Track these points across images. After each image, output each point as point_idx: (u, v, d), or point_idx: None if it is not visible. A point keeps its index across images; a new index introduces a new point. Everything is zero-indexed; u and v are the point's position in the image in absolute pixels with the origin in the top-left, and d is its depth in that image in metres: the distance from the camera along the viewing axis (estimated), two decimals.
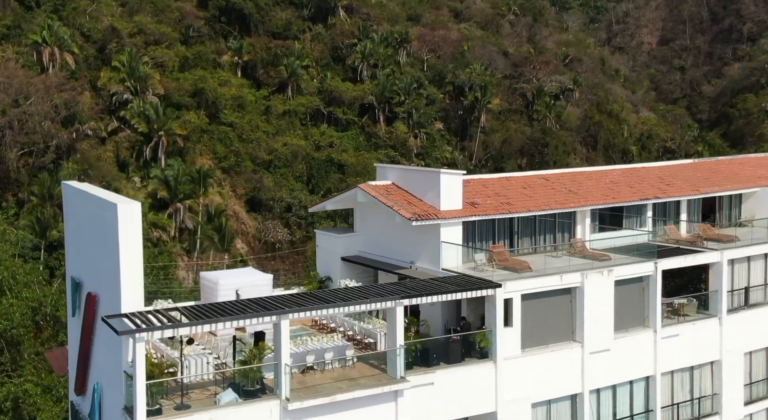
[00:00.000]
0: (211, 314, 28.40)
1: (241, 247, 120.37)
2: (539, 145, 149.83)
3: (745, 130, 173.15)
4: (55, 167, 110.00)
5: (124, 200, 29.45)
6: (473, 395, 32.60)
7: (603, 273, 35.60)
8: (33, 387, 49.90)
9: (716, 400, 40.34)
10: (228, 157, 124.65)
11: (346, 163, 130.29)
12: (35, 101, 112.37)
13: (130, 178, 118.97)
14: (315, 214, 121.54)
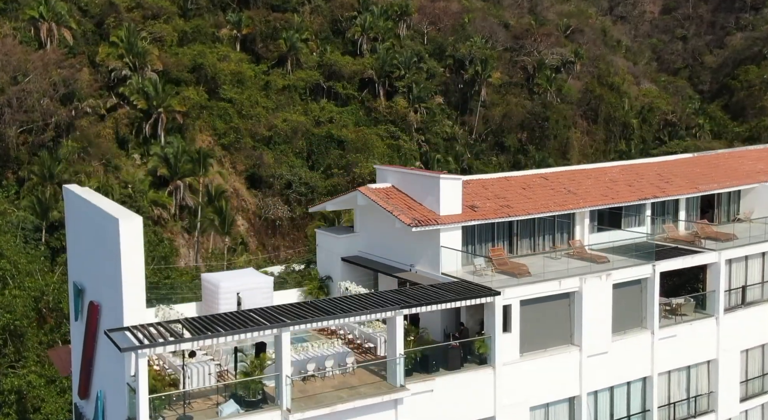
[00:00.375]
0: (212, 328, 28.63)
1: (241, 224, 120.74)
2: (539, 119, 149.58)
3: (747, 102, 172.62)
4: (55, 145, 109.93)
5: (125, 214, 29.58)
6: (472, 400, 32.99)
7: (601, 277, 35.84)
8: (36, 378, 50.39)
9: (712, 397, 40.81)
10: (228, 133, 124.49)
11: (345, 139, 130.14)
12: (33, 78, 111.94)
13: (130, 155, 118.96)
14: (315, 190, 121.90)
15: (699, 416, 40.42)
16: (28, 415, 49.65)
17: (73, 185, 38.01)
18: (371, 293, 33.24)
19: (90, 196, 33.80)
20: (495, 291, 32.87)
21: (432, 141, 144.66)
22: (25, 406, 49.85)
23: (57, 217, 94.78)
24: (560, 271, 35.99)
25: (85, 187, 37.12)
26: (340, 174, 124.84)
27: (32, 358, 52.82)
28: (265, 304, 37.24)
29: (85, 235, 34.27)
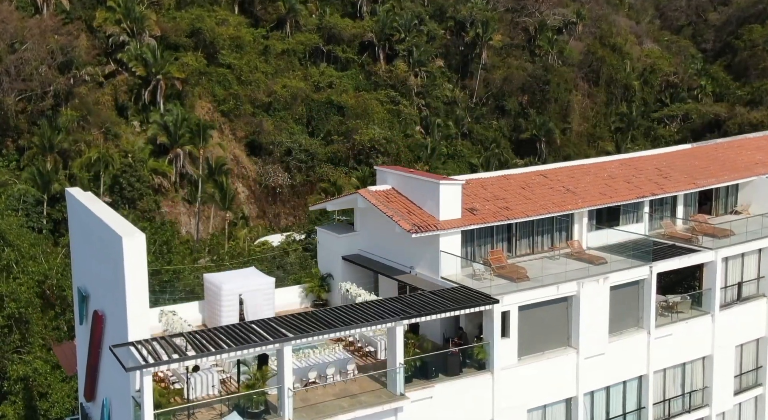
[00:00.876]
0: (215, 343, 29.09)
1: (241, 192, 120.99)
2: (540, 82, 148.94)
3: (750, 62, 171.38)
4: (54, 114, 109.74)
5: (128, 231, 29.88)
6: (470, 405, 33.64)
7: (599, 281, 36.30)
8: (42, 364, 51.11)
9: (707, 392, 41.54)
10: (227, 100, 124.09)
11: (345, 104, 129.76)
12: (31, 46, 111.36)
13: (129, 122, 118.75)
14: (315, 157, 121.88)
15: (693, 411, 41.17)
16: (34, 402, 50.53)
17: (75, 189, 38.23)
18: (372, 302, 33.61)
19: (93, 206, 34.03)
20: (494, 299, 33.31)
21: (432, 105, 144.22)
22: (32, 393, 50.72)
23: (58, 189, 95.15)
24: (558, 274, 36.39)
25: (88, 192, 37.21)
26: (340, 141, 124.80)
27: (37, 344, 53.52)
28: (267, 305, 38.05)
29: (88, 244, 34.64)
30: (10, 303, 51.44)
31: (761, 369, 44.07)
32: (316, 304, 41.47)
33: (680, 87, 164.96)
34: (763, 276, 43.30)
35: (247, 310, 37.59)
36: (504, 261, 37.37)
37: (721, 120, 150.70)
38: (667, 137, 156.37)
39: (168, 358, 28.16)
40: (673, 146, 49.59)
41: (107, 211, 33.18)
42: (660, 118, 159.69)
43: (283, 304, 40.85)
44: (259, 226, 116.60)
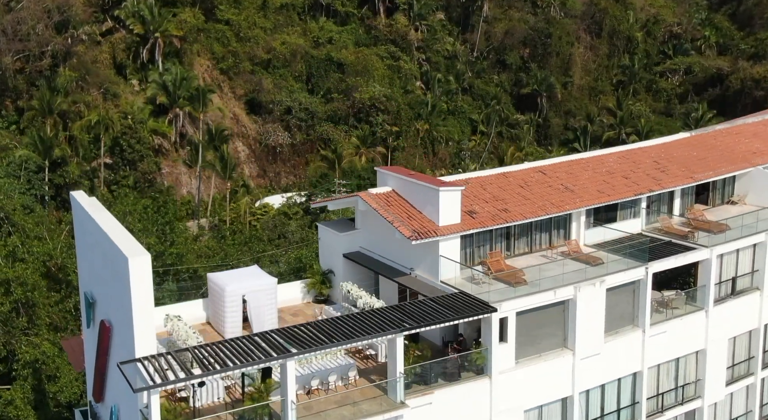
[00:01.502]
0: (220, 360, 29.83)
1: (242, 150, 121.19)
2: (542, 35, 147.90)
3: (755, 11, 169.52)
4: (52, 74, 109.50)
5: (134, 250, 30.42)
6: (469, 409, 34.61)
7: (595, 284, 36.99)
8: (50, 347, 52.13)
9: (699, 385, 42.55)
10: (226, 57, 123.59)
11: (345, 61, 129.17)
12: (27, 5, 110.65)
13: (128, 81, 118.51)
14: (315, 115, 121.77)
15: (686, 403, 42.25)
16: (43, 386, 51.68)
17: (80, 192, 38.65)
18: (372, 312, 34.26)
19: (98, 216, 34.50)
20: (492, 308, 34.03)
21: (433, 60, 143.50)
22: (40, 377, 51.84)
23: (59, 154, 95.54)
24: (556, 277, 36.96)
25: (92, 198, 37.65)
26: (340, 99, 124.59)
27: (44, 326, 54.48)
28: (270, 305, 38.81)
29: (94, 253, 35.24)
30: (17, 288, 52.28)
31: (753, 359, 45.04)
32: (318, 299, 42.28)
33: (683, 38, 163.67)
34: (757, 270, 43.97)
35: (250, 310, 38.35)
36: (502, 264, 38.01)
37: (723, 74, 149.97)
38: (669, 91, 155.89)
39: (175, 378, 28.96)
40: (672, 136, 49.70)
41: (112, 223, 33.65)
42: (662, 72, 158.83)
43: (285, 300, 41.73)
44: (260, 188, 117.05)
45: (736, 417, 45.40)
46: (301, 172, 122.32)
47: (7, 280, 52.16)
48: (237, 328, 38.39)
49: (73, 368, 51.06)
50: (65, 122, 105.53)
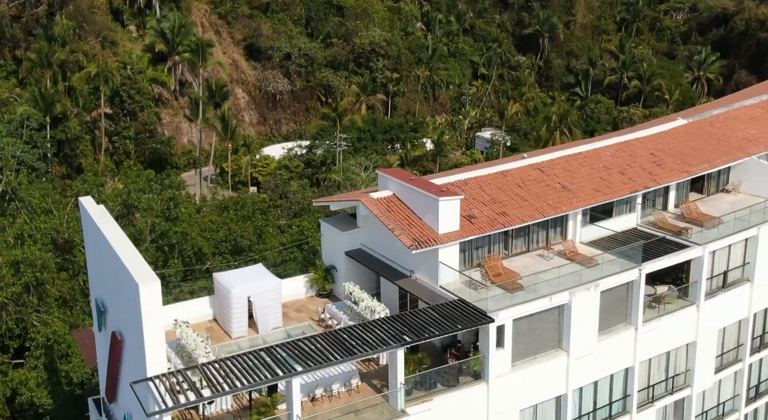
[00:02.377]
0: (229, 381, 31.15)
1: (241, 97, 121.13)
2: None
3: None
4: (49, 22, 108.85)
5: (145, 276, 31.41)
6: (466, 412, 36.20)
7: (590, 289, 38.19)
8: (61, 326, 53.65)
9: (689, 375, 44.15)
10: (224, 1, 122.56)
11: (345, 4, 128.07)
12: None
13: (126, 27, 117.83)
14: (315, 61, 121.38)
15: (676, 392, 43.91)
16: (55, 365, 53.37)
17: (87, 199, 39.48)
18: (374, 323, 35.40)
19: (107, 229, 35.40)
20: (489, 318, 35.28)
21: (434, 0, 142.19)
22: (53, 356, 53.48)
23: (60, 109, 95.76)
24: (551, 281, 38.03)
25: (100, 206, 38.52)
26: (340, 44, 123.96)
27: (55, 304, 55.90)
28: (275, 305, 40.13)
29: (103, 264, 36.33)
30: (27, 269, 53.55)
31: (742, 347, 46.57)
32: (320, 294, 43.55)
33: None
34: (748, 262, 45.13)
35: (255, 310, 39.69)
36: (500, 268, 39.12)
37: (728, 14, 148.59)
38: (673, 29, 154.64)
39: (186, 400, 30.40)
40: (669, 123, 50.15)
41: (122, 241, 34.57)
42: (666, 10, 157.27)
43: (289, 295, 43.00)
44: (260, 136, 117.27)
45: (723, 401, 47.16)
46: (301, 119, 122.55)
47: (17, 261, 53.37)
48: (243, 328, 39.79)
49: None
50: (64, 73, 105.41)
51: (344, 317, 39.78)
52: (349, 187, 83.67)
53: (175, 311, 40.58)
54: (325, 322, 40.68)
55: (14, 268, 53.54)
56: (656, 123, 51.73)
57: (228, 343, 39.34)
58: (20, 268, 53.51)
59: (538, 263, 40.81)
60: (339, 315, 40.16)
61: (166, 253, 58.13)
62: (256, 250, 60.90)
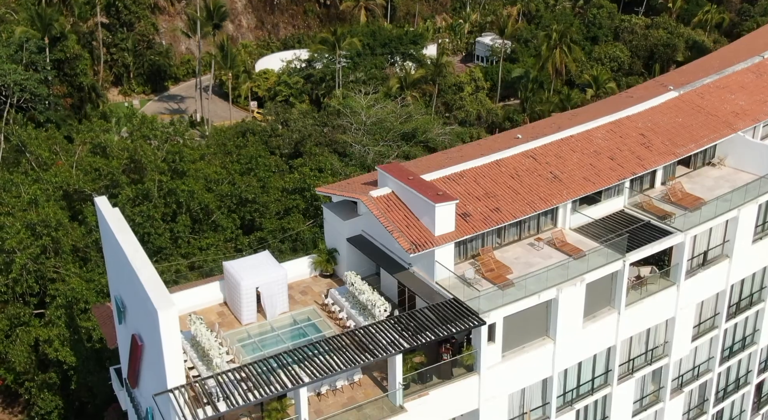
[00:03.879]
0: (243, 395, 34.18)
1: (239, 0, 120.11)
2: None
3: None
4: None
5: (162, 301, 33.85)
6: (460, 401, 39.59)
7: (576, 284, 40.89)
8: (78, 282, 56.55)
9: (667, 346, 47.45)
10: None
11: None
12: None
13: None
14: None
15: (654, 362, 47.30)
16: (76, 322, 56.56)
17: (102, 199, 41.56)
18: (374, 327, 38.16)
19: (126, 243, 37.63)
20: (481, 320, 38.09)
21: None
22: (73, 314, 56.62)
23: (59, 29, 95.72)
24: (540, 276, 40.60)
25: (115, 210, 40.65)
26: None
27: (70, 260, 58.64)
28: (281, 294, 42.88)
29: (122, 270, 38.81)
30: (43, 230, 55.99)
31: (718, 315, 49.70)
32: (323, 275, 46.26)
33: None
34: (728, 240, 47.66)
35: (264, 299, 42.49)
36: (492, 264, 41.69)
37: None
38: None
39: (204, 415, 33.50)
40: (660, 96, 51.40)
41: (137, 252, 36.92)
42: None
43: (294, 276, 45.75)
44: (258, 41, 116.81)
45: (698, 364, 50.70)
46: (299, 23, 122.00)
47: (33, 223, 55.75)
48: (252, 315, 42.67)
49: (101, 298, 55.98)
50: None
51: (346, 304, 42.60)
52: (349, 114, 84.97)
53: (189, 297, 43.43)
54: (328, 307, 43.52)
55: (31, 229, 55.98)
56: (649, 94, 52.98)
57: (239, 329, 42.24)
58: (36, 230, 55.95)
59: (528, 253, 43.33)
60: (341, 302, 42.96)
61: (174, 210, 60.44)
62: (260, 202, 63.23)
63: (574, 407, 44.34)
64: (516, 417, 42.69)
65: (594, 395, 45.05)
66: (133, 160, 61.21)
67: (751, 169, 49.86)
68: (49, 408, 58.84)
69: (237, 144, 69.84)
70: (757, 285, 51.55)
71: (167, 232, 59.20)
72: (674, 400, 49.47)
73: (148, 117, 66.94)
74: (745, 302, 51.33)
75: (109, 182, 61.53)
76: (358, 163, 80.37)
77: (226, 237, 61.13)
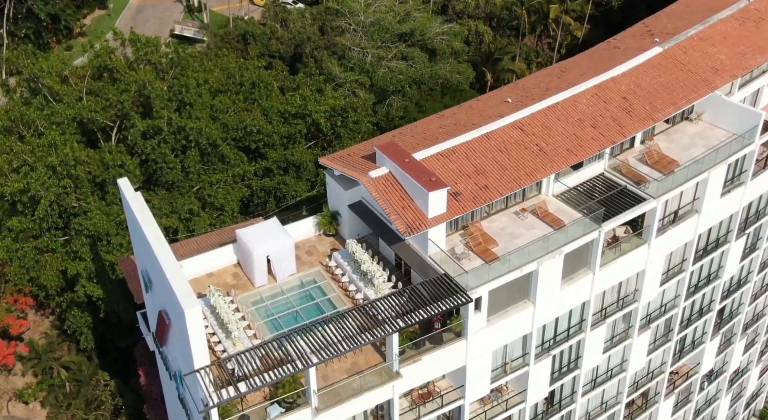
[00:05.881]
0: (260, 376, 39.34)
1: None
2: None
3: None
4: None
5: (188, 299, 38.23)
6: (449, 361, 45.08)
7: (555, 257, 45.44)
8: (100, 216, 60.75)
9: (637, 294, 52.54)
10: None
11: None
12: None
13: None
14: None
15: (624, 308, 52.54)
16: (100, 256, 61.14)
17: (124, 181, 45.34)
18: (374, 304, 42.84)
19: (150, 232, 41.71)
20: (468, 297, 42.86)
21: None
22: (97, 248, 61.10)
23: None
24: (522, 251, 44.98)
25: (137, 194, 44.40)
26: None
27: (89, 190, 62.50)
28: (289, 259, 47.46)
29: (146, 253, 43.15)
30: (63, 171, 59.73)
31: (686, 261, 54.52)
32: (327, 234, 50.67)
33: None
34: (698, 197, 51.75)
35: (274, 265, 47.16)
36: (479, 237, 46.04)
37: None
38: None
39: (227, 395, 38.81)
40: (645, 53, 53.59)
41: (162, 245, 41.11)
42: None
43: (300, 236, 50.20)
44: None
45: (665, 303, 56.02)
46: None
47: (53, 165, 59.38)
48: (264, 278, 47.40)
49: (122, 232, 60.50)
50: None
51: (348, 269, 47.25)
52: (348, 15, 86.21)
53: (207, 259, 48.07)
54: (332, 269, 48.19)
55: (52, 169, 59.66)
56: (635, 45, 55.39)
57: (252, 292, 47.00)
58: (57, 170, 59.65)
59: (514, 223, 47.59)
60: (344, 265, 47.56)
61: (183, 144, 63.78)
62: (264, 132, 66.45)
63: (550, 353, 49.94)
64: (498, 367, 48.38)
65: (569, 342, 50.56)
66: (141, 93, 63.91)
67: (725, 126, 53.23)
68: (79, 324, 64.65)
69: (239, 65, 71.81)
70: (724, 230, 56.08)
71: (178, 165, 62.96)
72: (642, 336, 55.13)
73: (152, 40, 68.69)
74: (712, 246, 56.03)
75: (119, 112, 64.52)
76: (358, 68, 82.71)
77: (235, 172, 64.94)
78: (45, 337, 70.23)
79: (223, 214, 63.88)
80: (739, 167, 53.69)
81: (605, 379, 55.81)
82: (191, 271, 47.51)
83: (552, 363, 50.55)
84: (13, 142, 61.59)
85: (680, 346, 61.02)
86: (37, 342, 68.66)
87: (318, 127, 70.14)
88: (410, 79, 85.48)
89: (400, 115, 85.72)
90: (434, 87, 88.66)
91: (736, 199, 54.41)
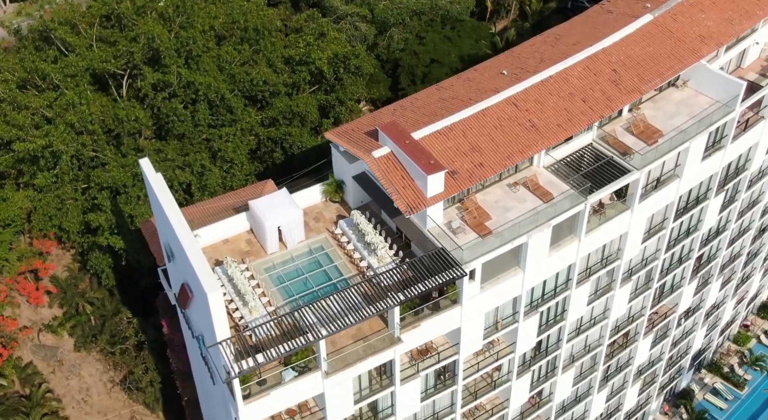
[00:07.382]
0: (275, 348, 43.81)
1: None
2: None
3: None
4: None
5: (210, 283, 42.29)
6: (445, 325, 49.64)
7: (543, 230, 49.36)
8: (118, 170, 64.20)
9: (619, 253, 56.66)
10: None
11: None
12: None
13: None
14: None
15: (608, 265, 56.77)
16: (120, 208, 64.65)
17: (145, 161, 48.69)
18: (377, 279, 46.87)
19: (173, 216, 45.30)
20: (463, 271, 46.92)
21: None
22: (117, 201, 64.65)
23: None
24: (514, 224, 48.90)
25: (158, 175, 47.77)
26: None
27: (104, 143, 65.64)
28: (298, 228, 51.35)
29: (168, 231, 46.95)
30: (81, 127, 62.75)
31: (666, 220, 58.42)
32: (333, 201, 54.38)
33: None
34: (680, 164, 55.20)
35: (284, 233, 51.12)
36: (474, 211, 49.81)
37: None
38: None
39: (247, 366, 43.36)
40: (636, 22, 55.69)
41: (183, 227, 44.82)
42: None
43: (308, 203, 53.95)
44: None
45: (647, 257, 60.22)
46: None
47: (72, 122, 62.38)
48: (275, 246, 51.42)
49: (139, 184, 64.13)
50: None
51: (353, 237, 51.17)
52: None
53: (222, 227, 51.95)
54: (338, 237, 52.12)
55: (70, 126, 62.69)
56: (627, 11, 57.57)
57: (265, 259, 51.06)
58: (75, 126, 62.71)
59: (506, 196, 51.26)
60: (349, 234, 51.45)
61: (193, 98, 66.45)
62: (270, 82, 68.93)
63: (538, 310, 54.50)
64: (490, 326, 53.05)
65: (555, 299, 55.05)
66: (150, 47, 66.08)
67: (709, 94, 56.18)
68: (101, 265, 68.99)
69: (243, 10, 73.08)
70: (704, 189, 59.77)
71: (189, 117, 65.90)
72: (624, 287, 59.64)
73: None
74: (692, 203, 59.83)
75: (129, 62, 66.96)
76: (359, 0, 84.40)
77: (243, 126, 67.86)
78: (67, 270, 74.58)
79: (233, 167, 67.27)
80: (720, 133, 56.90)
81: (589, 326, 60.65)
82: (208, 238, 51.43)
83: (540, 318, 55.14)
84: (32, 97, 64.40)
85: (659, 292, 65.65)
86: (60, 277, 73.09)
87: (321, 73, 72.62)
88: (411, 10, 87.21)
89: (400, 47, 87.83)
90: (434, 18, 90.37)
91: (716, 162, 57.88)
